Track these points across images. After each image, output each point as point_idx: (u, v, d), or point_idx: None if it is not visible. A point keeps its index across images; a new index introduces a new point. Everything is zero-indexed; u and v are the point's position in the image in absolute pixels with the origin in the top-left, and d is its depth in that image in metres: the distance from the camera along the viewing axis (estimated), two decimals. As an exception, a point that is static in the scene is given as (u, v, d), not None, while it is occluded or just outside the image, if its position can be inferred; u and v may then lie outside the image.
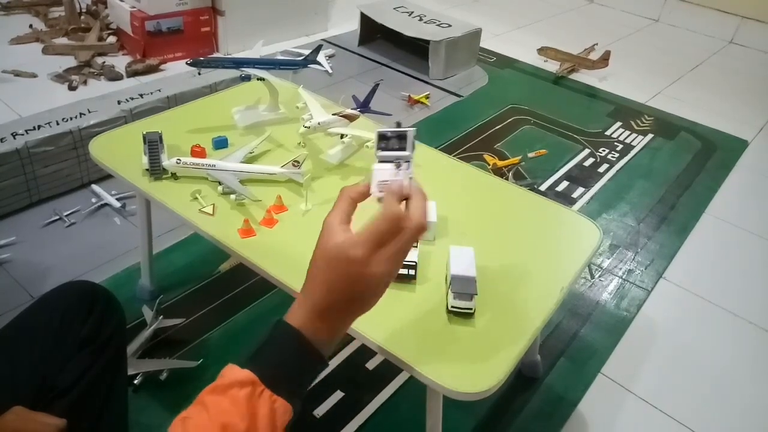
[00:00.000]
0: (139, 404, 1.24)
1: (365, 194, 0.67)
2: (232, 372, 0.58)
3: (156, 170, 1.15)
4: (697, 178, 2.31)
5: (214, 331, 1.44)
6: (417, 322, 0.92)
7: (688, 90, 3.07)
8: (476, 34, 2.94)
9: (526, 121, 2.56)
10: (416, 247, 1.01)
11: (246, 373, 0.57)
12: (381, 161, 0.70)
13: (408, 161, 0.70)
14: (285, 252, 1.02)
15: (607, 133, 2.57)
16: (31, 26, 2.84)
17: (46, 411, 0.76)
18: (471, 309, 0.91)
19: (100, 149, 1.23)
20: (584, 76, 3.07)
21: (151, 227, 1.42)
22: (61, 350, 0.84)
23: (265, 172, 1.18)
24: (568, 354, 1.50)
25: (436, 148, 1.40)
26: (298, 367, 0.61)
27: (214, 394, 0.57)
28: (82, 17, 2.95)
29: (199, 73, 2.11)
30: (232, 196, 1.12)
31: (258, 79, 1.34)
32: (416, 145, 0.75)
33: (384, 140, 0.71)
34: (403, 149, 0.70)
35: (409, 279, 0.97)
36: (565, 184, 2.18)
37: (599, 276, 1.78)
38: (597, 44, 3.34)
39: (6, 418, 0.72)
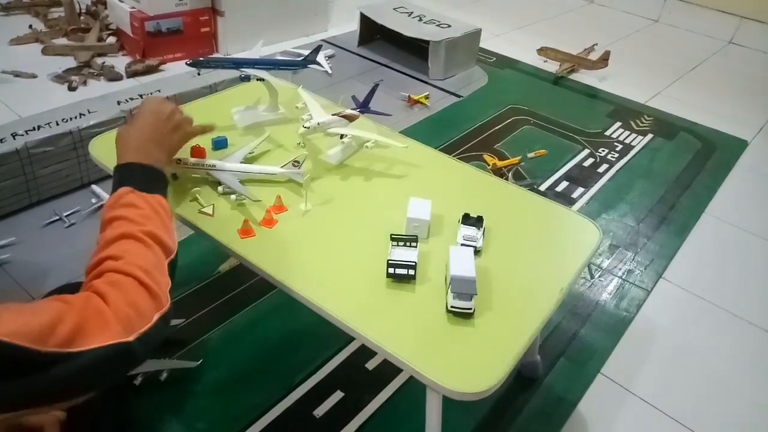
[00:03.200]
0: (139, 404, 1.24)
1: None
2: (111, 197, 0.83)
3: None
4: (696, 178, 2.32)
5: (213, 332, 1.44)
6: (417, 322, 0.92)
7: (688, 90, 3.07)
8: (476, 34, 2.94)
9: (525, 122, 2.57)
10: (415, 247, 1.01)
11: (122, 189, 0.83)
12: None
13: None
14: (285, 252, 1.02)
15: (607, 133, 2.57)
16: (30, 27, 2.84)
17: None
18: (471, 309, 0.91)
19: (100, 149, 1.23)
20: (584, 77, 3.07)
21: (151, 228, 1.42)
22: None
23: (264, 173, 1.18)
24: (568, 354, 1.50)
25: (435, 148, 1.40)
26: (152, 177, 0.89)
27: (112, 209, 0.80)
28: (82, 18, 2.95)
29: (199, 74, 2.11)
30: (232, 197, 1.12)
31: (258, 80, 1.34)
32: (417, 145, 0.76)
33: None
34: None
35: (408, 279, 0.97)
36: (564, 184, 2.18)
37: (599, 276, 1.78)
38: (597, 44, 3.34)
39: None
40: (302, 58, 1.45)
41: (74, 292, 0.91)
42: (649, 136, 2.58)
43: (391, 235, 1.02)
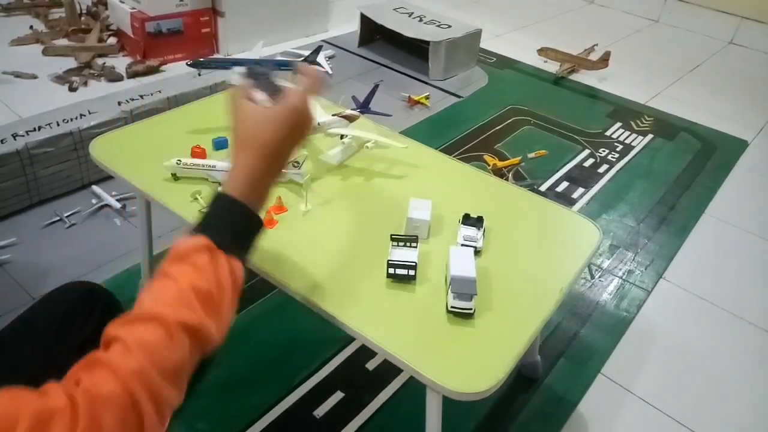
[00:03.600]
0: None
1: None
2: (186, 241, 0.66)
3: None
4: (696, 178, 2.32)
5: (214, 332, 1.44)
6: (417, 322, 0.92)
7: (688, 90, 3.07)
8: (476, 34, 2.94)
9: (526, 122, 2.57)
10: (415, 247, 1.01)
11: (201, 240, 0.66)
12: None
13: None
14: (285, 253, 1.02)
15: (607, 133, 2.57)
16: (31, 27, 2.85)
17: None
18: (471, 309, 0.91)
19: (101, 150, 1.23)
20: (584, 77, 3.07)
21: (152, 228, 1.42)
22: (61, 351, 0.84)
23: (265, 173, 1.18)
24: (568, 354, 1.50)
25: (436, 148, 1.40)
26: (244, 230, 0.71)
27: (176, 264, 0.65)
28: (83, 18, 2.96)
29: (200, 74, 2.12)
30: (232, 197, 1.12)
31: (258, 80, 1.34)
32: (417, 145, 0.76)
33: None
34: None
35: (408, 279, 0.97)
36: (565, 184, 2.18)
37: (599, 276, 1.78)
38: (597, 45, 3.35)
39: None
40: (302, 58, 1.46)
41: (76, 292, 0.92)
42: (650, 136, 2.58)
43: (392, 235, 1.02)
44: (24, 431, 0.47)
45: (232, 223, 0.70)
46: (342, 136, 1.27)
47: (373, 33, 3.13)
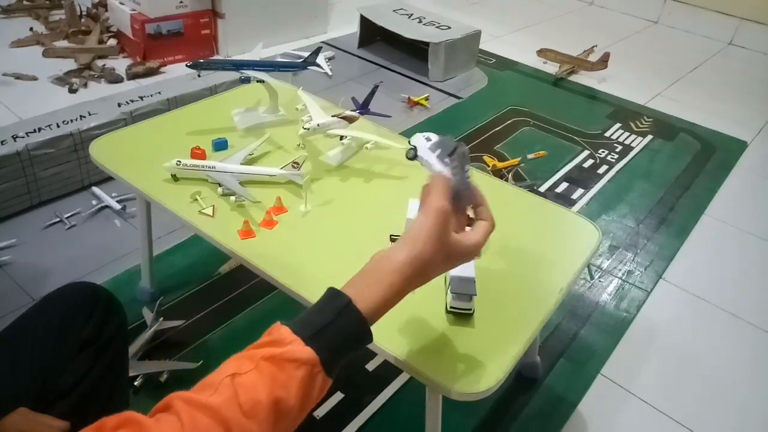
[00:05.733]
0: (139, 405, 1.24)
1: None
2: (295, 346, 0.59)
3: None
4: (696, 179, 2.32)
5: (214, 333, 1.44)
6: (416, 322, 0.92)
7: (688, 91, 3.08)
8: (476, 36, 2.94)
9: (525, 123, 2.57)
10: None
11: (309, 353, 0.59)
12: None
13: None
14: (285, 253, 1.03)
15: (607, 134, 2.57)
16: (31, 29, 2.85)
17: (48, 413, 0.76)
18: (470, 310, 0.92)
19: (101, 151, 1.24)
20: (584, 78, 3.08)
21: (152, 229, 1.42)
22: (62, 352, 0.85)
23: (264, 174, 1.18)
24: (568, 355, 1.50)
25: (435, 149, 1.40)
26: (355, 352, 0.64)
27: (271, 363, 0.58)
28: (83, 20, 2.96)
29: (199, 75, 2.11)
30: (232, 198, 1.12)
31: (258, 81, 1.35)
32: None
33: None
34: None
35: (408, 280, 0.97)
36: (564, 185, 2.18)
37: (599, 277, 1.78)
38: (596, 46, 3.35)
39: (11, 419, 0.72)
40: (302, 59, 1.46)
41: (76, 293, 0.92)
42: (649, 137, 2.58)
43: (391, 236, 1.02)
44: None
45: (349, 343, 0.63)
46: (342, 137, 1.27)
47: (372, 34, 3.13)
